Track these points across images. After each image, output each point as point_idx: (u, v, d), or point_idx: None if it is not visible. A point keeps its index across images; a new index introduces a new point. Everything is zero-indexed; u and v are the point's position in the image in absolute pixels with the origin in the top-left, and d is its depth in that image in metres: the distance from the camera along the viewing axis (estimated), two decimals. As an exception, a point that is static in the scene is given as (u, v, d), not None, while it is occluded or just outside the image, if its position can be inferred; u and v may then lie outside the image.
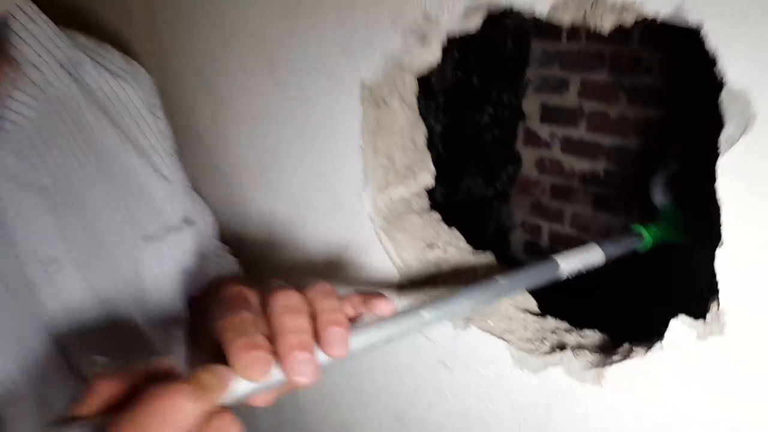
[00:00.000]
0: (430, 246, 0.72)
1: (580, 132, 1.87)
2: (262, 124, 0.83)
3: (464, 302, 0.39)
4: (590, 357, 0.54)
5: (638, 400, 0.50)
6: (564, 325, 0.63)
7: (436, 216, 0.77)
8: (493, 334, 0.61)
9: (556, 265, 0.47)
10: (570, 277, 0.49)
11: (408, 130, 0.72)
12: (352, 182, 0.71)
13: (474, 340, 0.63)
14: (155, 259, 0.57)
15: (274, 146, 0.83)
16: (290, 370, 0.31)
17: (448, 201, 1.73)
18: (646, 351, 0.49)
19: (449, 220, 0.79)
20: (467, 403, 0.67)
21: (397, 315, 0.35)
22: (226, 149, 0.93)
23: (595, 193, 1.88)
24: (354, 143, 0.69)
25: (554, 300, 0.72)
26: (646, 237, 0.63)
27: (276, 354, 0.31)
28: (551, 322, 0.63)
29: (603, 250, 0.51)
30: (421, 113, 0.73)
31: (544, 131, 1.96)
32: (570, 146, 1.91)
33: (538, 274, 0.46)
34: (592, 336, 0.60)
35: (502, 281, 0.42)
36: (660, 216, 0.80)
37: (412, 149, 0.73)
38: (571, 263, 0.48)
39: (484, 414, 0.65)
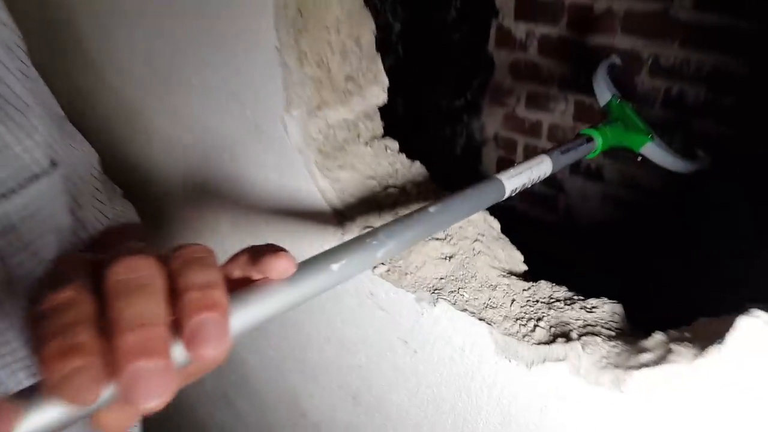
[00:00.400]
0: (384, 188, 0.54)
1: (560, 30, 1.64)
2: (154, 28, 0.60)
3: (387, 243, 0.29)
4: (605, 350, 0.39)
5: (677, 418, 0.35)
6: (562, 291, 0.47)
7: (393, 145, 0.58)
8: (469, 311, 0.45)
9: (501, 184, 0.40)
10: (513, 194, 0.42)
11: (348, 24, 0.50)
12: (270, 101, 0.50)
13: (444, 318, 0.47)
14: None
15: (171, 57, 0.60)
16: (127, 390, 0.20)
17: (410, 114, 1.51)
18: (696, 354, 0.33)
19: (410, 140, 0.60)
20: (438, 390, 0.52)
21: (298, 272, 0.25)
22: (118, 64, 0.69)
23: (576, 101, 1.69)
24: (268, 45, 0.47)
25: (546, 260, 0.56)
26: (597, 140, 0.58)
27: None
28: (545, 287, 0.47)
29: (552, 159, 0.47)
30: (374, 7, 0.51)
31: (519, 30, 1.72)
32: (548, 47, 1.69)
33: (479, 198, 0.38)
34: (601, 308, 0.44)
35: (434, 210, 0.33)
36: (608, 114, 0.72)
37: (356, 53, 0.53)
38: (516, 181, 0.42)
39: (458, 406, 0.50)
